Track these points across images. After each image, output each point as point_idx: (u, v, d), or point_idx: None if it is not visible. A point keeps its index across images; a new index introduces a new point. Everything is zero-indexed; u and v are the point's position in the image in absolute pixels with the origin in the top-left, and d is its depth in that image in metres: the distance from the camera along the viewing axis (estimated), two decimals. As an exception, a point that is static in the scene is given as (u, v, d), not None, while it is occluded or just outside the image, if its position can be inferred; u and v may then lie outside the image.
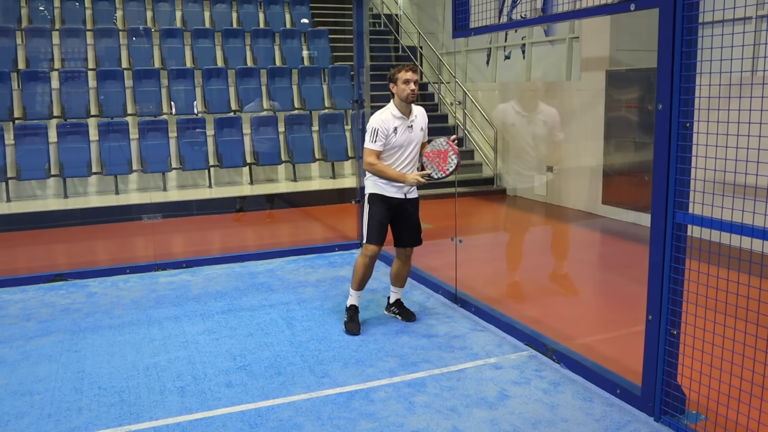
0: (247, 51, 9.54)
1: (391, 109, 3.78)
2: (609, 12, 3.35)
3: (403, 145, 3.77)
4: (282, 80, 9.14)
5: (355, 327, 3.91)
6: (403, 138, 3.76)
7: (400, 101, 3.75)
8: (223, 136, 8.36)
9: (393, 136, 3.73)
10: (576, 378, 3.28)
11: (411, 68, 3.74)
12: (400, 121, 3.75)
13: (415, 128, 3.81)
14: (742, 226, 2.37)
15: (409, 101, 3.74)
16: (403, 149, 3.78)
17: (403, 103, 3.75)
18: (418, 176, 3.70)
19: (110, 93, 8.28)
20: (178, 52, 9.08)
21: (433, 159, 3.75)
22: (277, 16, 10.22)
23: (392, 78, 3.77)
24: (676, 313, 2.72)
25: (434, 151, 3.75)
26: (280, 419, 2.91)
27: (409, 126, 3.78)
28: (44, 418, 2.95)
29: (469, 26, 4.19)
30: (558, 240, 5.81)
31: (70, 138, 7.73)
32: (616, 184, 6.71)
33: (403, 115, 3.77)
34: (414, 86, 3.70)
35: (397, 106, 3.77)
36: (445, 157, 3.69)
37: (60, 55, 8.54)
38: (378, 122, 3.72)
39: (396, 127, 3.73)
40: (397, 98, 3.77)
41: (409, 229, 3.97)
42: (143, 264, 5.39)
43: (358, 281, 3.93)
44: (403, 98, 3.73)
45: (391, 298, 4.19)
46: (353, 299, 4.00)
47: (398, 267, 4.08)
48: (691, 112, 2.60)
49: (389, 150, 3.77)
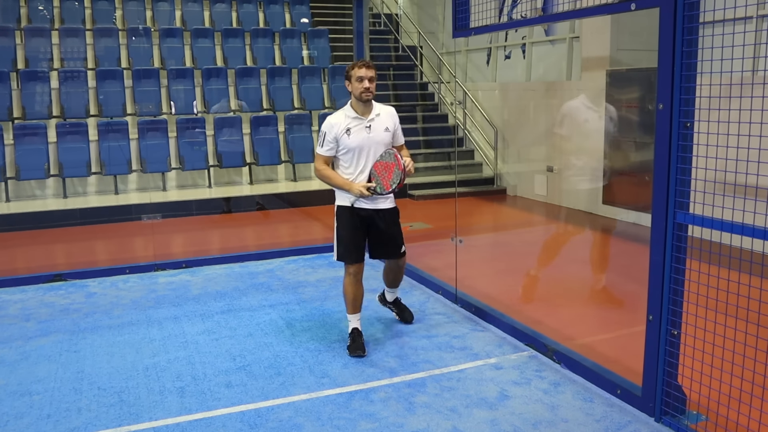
0: (247, 51, 9.54)
1: (346, 110, 3.54)
2: (609, 12, 3.34)
3: (358, 147, 3.46)
4: (282, 80, 9.13)
5: (359, 347, 3.57)
6: (358, 140, 3.45)
7: (356, 100, 3.50)
8: (223, 135, 8.35)
9: (346, 139, 3.45)
10: (576, 378, 3.27)
11: (366, 64, 3.47)
12: (355, 122, 3.48)
13: (375, 128, 3.49)
14: (743, 226, 2.37)
15: (364, 99, 3.46)
16: (359, 152, 3.47)
17: (359, 101, 3.49)
18: (363, 188, 3.41)
19: (110, 93, 8.27)
20: (177, 52, 9.07)
21: (380, 171, 3.42)
22: (276, 16, 10.21)
23: (347, 75, 3.51)
24: (677, 314, 2.71)
25: (382, 163, 3.43)
26: (279, 419, 2.90)
27: (367, 126, 3.48)
28: (43, 418, 2.94)
29: (470, 26, 4.18)
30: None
31: (70, 138, 7.72)
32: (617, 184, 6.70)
33: (359, 114, 3.49)
34: (369, 84, 3.42)
35: (353, 105, 3.52)
36: (390, 171, 3.37)
37: (59, 55, 8.53)
38: (327, 125, 3.48)
39: (349, 128, 3.46)
40: (353, 97, 3.52)
41: (382, 242, 3.65)
42: (143, 264, 5.39)
43: (350, 303, 3.64)
44: (357, 96, 3.46)
45: (388, 297, 4.07)
46: (354, 323, 3.67)
47: (388, 275, 3.88)
48: (692, 111, 2.59)
49: (345, 154, 3.49)
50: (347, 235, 3.55)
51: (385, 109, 3.60)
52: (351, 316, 3.69)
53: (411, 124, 9.82)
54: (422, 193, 8.44)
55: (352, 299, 3.64)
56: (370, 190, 3.42)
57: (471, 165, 9.33)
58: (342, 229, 3.57)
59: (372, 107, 3.55)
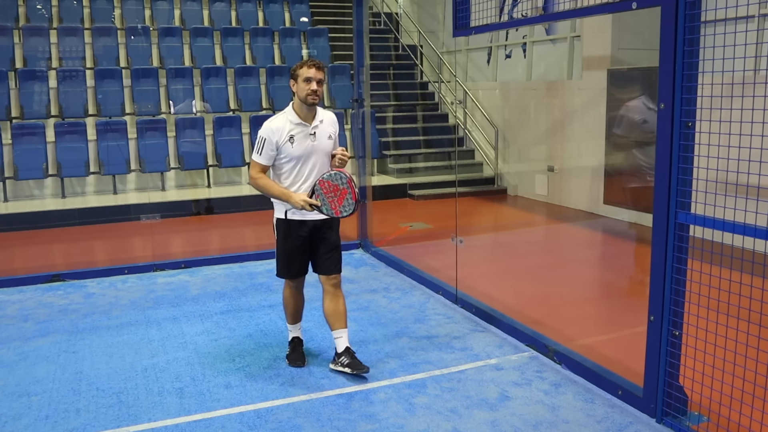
0: (246, 50, 9.52)
1: (288, 114, 3.21)
2: (610, 10, 3.33)
3: (302, 156, 3.18)
4: (281, 79, 9.11)
5: (299, 358, 3.43)
6: (302, 148, 3.17)
7: (299, 103, 3.18)
8: (222, 135, 8.33)
9: (289, 147, 3.15)
10: (577, 379, 3.26)
11: (315, 65, 3.15)
12: (298, 128, 3.17)
13: (319, 136, 3.21)
14: (745, 226, 2.36)
15: (309, 103, 3.15)
16: (303, 162, 3.19)
17: (303, 105, 3.17)
18: (307, 202, 3.11)
19: (108, 92, 8.26)
20: (176, 51, 9.05)
21: (328, 192, 3.16)
22: (276, 15, 10.19)
23: (293, 74, 3.18)
24: (678, 314, 2.70)
25: (331, 184, 3.15)
26: (279, 420, 2.89)
27: (311, 133, 3.19)
28: (42, 419, 2.93)
29: (470, 25, 4.16)
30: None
31: (68, 137, 7.71)
32: (618, 184, 6.69)
33: (303, 120, 3.19)
34: (317, 86, 3.13)
35: (296, 109, 3.20)
36: (341, 197, 3.15)
37: (58, 54, 8.52)
38: (267, 131, 3.15)
39: (292, 135, 3.15)
40: (296, 99, 3.20)
41: (325, 253, 3.34)
42: (142, 264, 5.37)
43: (290, 315, 3.49)
44: (302, 98, 3.15)
45: (338, 346, 3.34)
46: (294, 332, 3.53)
47: (329, 302, 3.35)
48: (693, 111, 2.58)
49: (287, 162, 3.19)
50: (287, 251, 3.33)
51: (327, 115, 3.32)
52: (292, 327, 3.53)
53: (411, 123, 9.81)
54: (422, 193, 8.43)
55: (293, 312, 3.48)
56: (312, 206, 3.14)
57: (471, 165, 9.32)
58: (281, 244, 3.34)
59: (316, 112, 3.25)
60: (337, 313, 3.33)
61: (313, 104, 3.18)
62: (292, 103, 3.26)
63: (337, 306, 3.34)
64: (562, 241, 6.22)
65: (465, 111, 9.62)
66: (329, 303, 3.35)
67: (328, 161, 3.29)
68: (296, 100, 3.22)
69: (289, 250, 3.32)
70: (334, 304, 3.34)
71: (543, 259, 5.63)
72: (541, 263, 5.60)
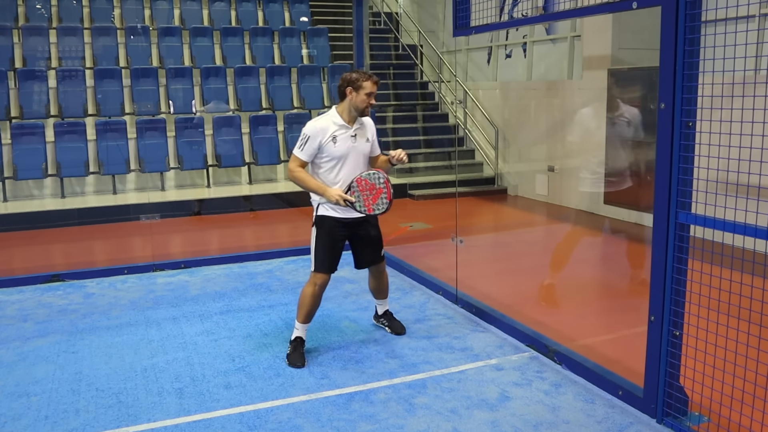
0: (246, 49, 9.51)
1: (332, 116, 3.42)
2: (611, 10, 3.32)
3: (343, 156, 3.39)
4: (281, 79, 9.11)
5: (299, 358, 3.47)
6: (344, 148, 3.38)
7: (350, 109, 3.40)
8: (222, 135, 8.33)
9: (331, 146, 3.36)
10: (578, 379, 3.25)
11: (378, 82, 3.44)
12: (341, 130, 3.39)
13: (359, 138, 3.44)
14: (746, 226, 2.36)
15: (365, 114, 3.45)
16: (343, 161, 3.40)
17: (352, 111, 3.41)
18: (342, 197, 3.29)
19: (108, 92, 8.25)
20: (176, 51, 9.04)
21: (364, 190, 3.34)
22: (276, 15, 10.19)
23: (355, 83, 3.38)
24: (679, 314, 2.70)
25: (368, 182, 3.33)
26: (279, 421, 2.88)
27: (353, 135, 3.42)
28: (41, 419, 2.92)
29: (470, 24, 4.16)
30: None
31: (68, 137, 7.70)
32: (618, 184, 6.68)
33: (347, 123, 3.41)
34: (374, 101, 3.42)
35: (341, 112, 3.42)
36: (377, 195, 3.31)
37: (57, 54, 8.51)
38: (312, 129, 3.36)
39: (336, 135, 3.37)
40: (347, 105, 3.40)
41: (366, 248, 3.62)
42: (141, 264, 5.36)
43: (305, 314, 3.50)
44: (358, 108, 3.39)
45: (379, 310, 3.97)
46: (299, 331, 3.54)
47: (374, 281, 3.81)
48: (694, 111, 2.58)
49: (328, 161, 3.39)
50: (325, 244, 3.49)
51: (366, 120, 3.54)
52: (301, 325, 3.54)
53: (411, 123, 9.80)
54: (422, 193, 8.42)
55: (308, 310, 3.51)
56: (347, 202, 3.30)
57: (471, 165, 9.31)
58: (320, 237, 3.50)
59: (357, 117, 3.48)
60: (380, 289, 3.88)
61: (365, 115, 3.48)
62: (336, 106, 3.48)
63: (380, 284, 3.86)
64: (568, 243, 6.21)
65: (465, 111, 9.62)
66: (374, 282, 3.85)
67: (365, 162, 3.52)
68: (346, 105, 3.43)
69: (330, 243, 3.52)
70: (378, 283, 3.85)
71: (543, 259, 5.62)
72: (541, 263, 5.59)
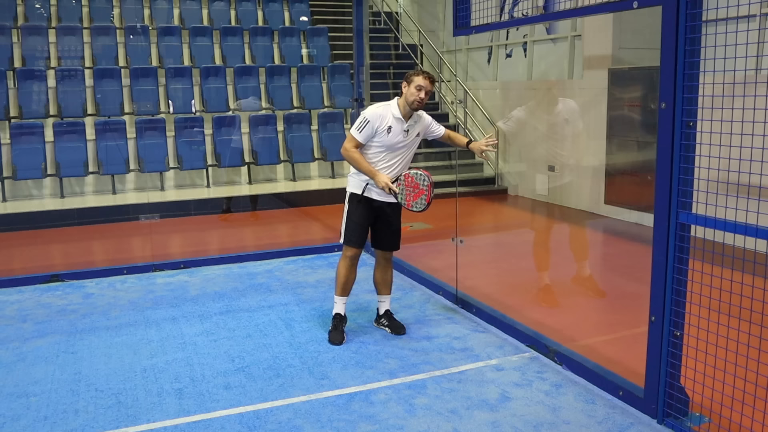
0: (246, 49, 9.50)
1: (391, 107, 3.64)
2: (611, 10, 3.31)
3: (393, 146, 3.62)
4: (281, 79, 9.09)
5: (338, 336, 3.73)
6: (395, 140, 3.61)
7: (404, 103, 3.62)
8: (222, 135, 8.31)
9: (385, 135, 3.59)
10: (578, 380, 3.25)
11: (429, 77, 3.59)
12: (397, 122, 3.61)
13: (411, 134, 3.66)
14: (746, 226, 2.35)
15: (414, 107, 3.60)
16: (391, 151, 3.63)
17: (406, 105, 3.61)
18: (389, 184, 3.55)
19: (107, 92, 8.23)
20: (175, 50, 9.03)
21: (409, 186, 3.58)
22: (275, 14, 10.17)
23: (408, 78, 3.62)
24: (680, 314, 2.69)
25: (414, 180, 3.57)
26: (279, 421, 2.88)
27: (406, 130, 3.63)
28: (40, 420, 2.92)
29: (470, 24, 4.15)
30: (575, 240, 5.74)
31: (67, 137, 7.68)
32: (619, 184, 6.68)
33: (403, 117, 3.63)
34: (424, 96, 3.56)
35: (400, 105, 3.64)
36: (418, 194, 3.54)
37: (56, 54, 8.49)
38: (372, 114, 3.59)
39: (391, 126, 3.60)
40: (403, 99, 3.63)
41: (388, 232, 3.82)
42: (141, 264, 5.35)
43: (341, 285, 3.77)
44: (409, 102, 3.59)
45: (380, 309, 4.00)
46: (338, 307, 3.82)
47: (380, 273, 3.94)
48: (695, 110, 2.57)
49: (377, 148, 3.62)
50: (355, 220, 3.71)
51: (421, 116, 3.74)
52: (338, 298, 3.80)
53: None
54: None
55: (343, 281, 3.76)
56: (391, 190, 3.57)
57: (472, 164, 9.30)
58: (352, 213, 3.73)
59: (414, 114, 3.68)
60: (384, 281, 3.95)
61: (416, 109, 3.63)
62: (398, 99, 3.67)
63: (385, 276, 3.94)
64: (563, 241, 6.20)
65: (465, 110, 9.61)
66: (380, 273, 3.93)
67: (410, 156, 3.75)
68: (403, 99, 3.63)
69: (359, 219, 3.72)
70: (384, 274, 3.94)
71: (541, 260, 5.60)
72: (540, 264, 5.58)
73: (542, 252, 4.99)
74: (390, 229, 3.81)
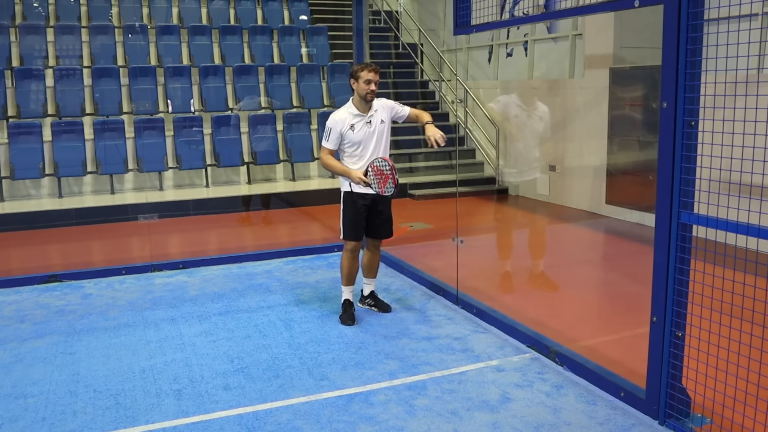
0: (245, 48, 9.48)
1: (348, 108, 3.89)
2: (613, 9, 3.30)
3: (362, 140, 3.85)
4: (280, 78, 9.07)
5: (350, 318, 4.02)
6: (363, 134, 3.85)
7: (359, 99, 3.85)
8: (221, 134, 8.29)
9: (351, 134, 3.84)
10: (579, 380, 3.23)
11: (374, 69, 3.82)
12: (357, 118, 3.85)
13: (375, 123, 3.88)
14: (749, 226, 2.34)
15: (368, 100, 3.83)
16: (363, 145, 3.87)
17: (362, 100, 3.84)
18: (362, 177, 3.78)
19: (106, 91, 8.21)
20: (174, 50, 9.01)
21: (376, 174, 3.80)
22: (275, 13, 10.15)
23: (354, 75, 3.84)
24: (681, 315, 2.68)
25: (378, 168, 3.79)
26: (278, 422, 2.86)
27: (368, 122, 3.87)
28: (38, 421, 2.90)
29: (471, 23, 4.13)
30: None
31: (65, 137, 7.66)
32: (620, 184, 6.66)
33: (361, 112, 3.86)
34: (374, 87, 3.80)
35: (355, 103, 3.87)
36: (385, 180, 3.77)
37: (55, 53, 8.47)
38: (332, 121, 3.86)
39: (353, 124, 3.84)
40: (356, 95, 3.86)
41: (381, 221, 4.06)
42: (139, 265, 5.34)
43: (346, 276, 4.09)
44: (362, 96, 3.82)
45: (365, 290, 4.28)
46: (346, 294, 4.13)
47: (368, 257, 4.19)
48: (697, 110, 2.56)
49: (350, 146, 3.88)
50: (350, 216, 3.97)
51: (379, 103, 3.95)
52: (345, 288, 4.12)
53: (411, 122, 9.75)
54: (423, 193, 8.39)
55: (347, 273, 4.07)
56: (365, 183, 3.79)
57: (472, 164, 9.28)
58: (346, 211, 3.99)
59: (372, 105, 3.91)
60: (372, 266, 4.21)
61: (370, 101, 3.85)
62: (352, 98, 3.91)
63: (373, 261, 4.20)
64: (564, 241, 6.19)
65: (466, 110, 9.59)
66: (368, 257, 4.18)
67: (386, 140, 3.96)
68: (356, 95, 3.86)
69: (353, 215, 3.97)
70: (372, 259, 4.19)
71: (544, 260, 5.59)
72: (542, 264, 5.57)
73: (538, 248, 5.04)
74: (382, 217, 4.04)
